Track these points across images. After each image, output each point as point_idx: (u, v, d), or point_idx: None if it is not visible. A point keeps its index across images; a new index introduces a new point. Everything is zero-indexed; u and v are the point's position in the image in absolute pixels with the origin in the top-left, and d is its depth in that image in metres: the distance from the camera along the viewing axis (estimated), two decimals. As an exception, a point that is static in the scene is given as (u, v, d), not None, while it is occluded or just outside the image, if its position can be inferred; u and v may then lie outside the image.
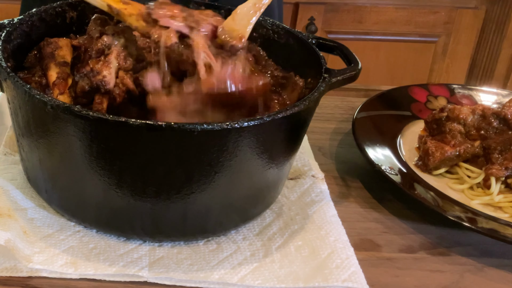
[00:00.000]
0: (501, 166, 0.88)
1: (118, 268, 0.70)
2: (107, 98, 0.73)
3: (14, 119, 0.74)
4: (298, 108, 0.68)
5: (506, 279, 0.76)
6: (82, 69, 0.74)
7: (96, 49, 0.76)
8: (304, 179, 0.88)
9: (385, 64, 2.24)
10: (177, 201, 0.69)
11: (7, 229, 0.71)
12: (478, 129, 0.94)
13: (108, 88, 0.73)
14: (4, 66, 0.69)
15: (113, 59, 0.74)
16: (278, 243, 0.76)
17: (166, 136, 0.63)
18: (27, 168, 0.78)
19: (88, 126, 0.64)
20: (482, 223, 0.80)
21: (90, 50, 0.77)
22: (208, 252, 0.74)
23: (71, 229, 0.75)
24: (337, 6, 2.14)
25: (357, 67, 0.79)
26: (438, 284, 0.74)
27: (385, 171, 0.87)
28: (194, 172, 0.67)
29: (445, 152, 0.91)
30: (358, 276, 0.71)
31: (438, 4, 2.17)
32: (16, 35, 0.79)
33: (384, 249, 0.79)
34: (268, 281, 0.70)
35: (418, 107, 1.07)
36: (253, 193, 0.75)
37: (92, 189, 0.70)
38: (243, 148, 0.66)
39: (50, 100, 0.64)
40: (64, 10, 0.87)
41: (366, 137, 0.94)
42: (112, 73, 0.73)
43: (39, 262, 0.69)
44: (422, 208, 0.84)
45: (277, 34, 0.88)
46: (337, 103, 1.13)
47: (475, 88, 1.14)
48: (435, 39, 2.24)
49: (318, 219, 0.80)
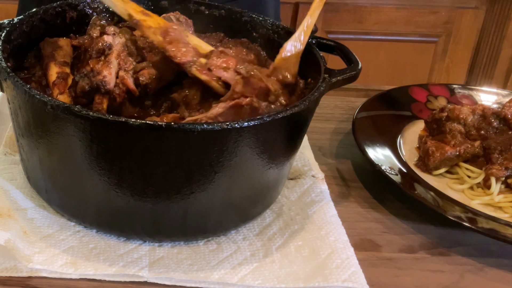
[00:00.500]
0: (501, 166, 0.88)
1: (118, 268, 0.70)
2: (107, 98, 0.73)
3: (14, 119, 0.74)
4: (298, 108, 0.68)
5: (506, 279, 0.76)
6: (82, 69, 0.74)
7: (96, 49, 0.76)
8: (304, 179, 0.88)
9: (385, 64, 2.24)
10: (177, 201, 0.69)
11: (7, 229, 0.71)
12: (478, 129, 0.94)
13: (108, 88, 0.73)
14: (4, 66, 0.69)
15: (113, 59, 0.75)
16: (278, 243, 0.76)
17: (166, 136, 0.63)
18: (27, 168, 0.78)
19: (88, 126, 0.64)
20: (482, 223, 0.80)
21: (91, 50, 0.77)
22: (208, 252, 0.74)
23: (71, 229, 0.75)
24: (337, 6, 2.14)
25: (357, 67, 0.79)
26: (438, 284, 0.74)
27: (385, 171, 0.87)
28: (194, 172, 0.67)
29: (445, 152, 0.91)
30: (358, 276, 0.71)
31: (438, 4, 2.17)
32: (16, 35, 0.79)
33: (384, 249, 0.79)
34: (268, 281, 0.70)
35: (418, 107, 1.07)
36: (253, 193, 0.75)
37: (92, 189, 0.70)
38: (243, 148, 0.66)
39: (50, 100, 0.64)
40: (64, 10, 0.87)
41: (366, 137, 0.94)
42: (112, 73, 0.73)
43: (39, 262, 0.69)
44: (422, 208, 0.84)
45: (277, 34, 0.88)
46: (337, 103, 1.13)
47: (475, 88, 1.14)
48: (435, 39, 2.24)
49: (318, 219, 0.80)
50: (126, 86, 0.74)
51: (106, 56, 0.75)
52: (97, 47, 0.76)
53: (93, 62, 0.74)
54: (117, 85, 0.74)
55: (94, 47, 0.77)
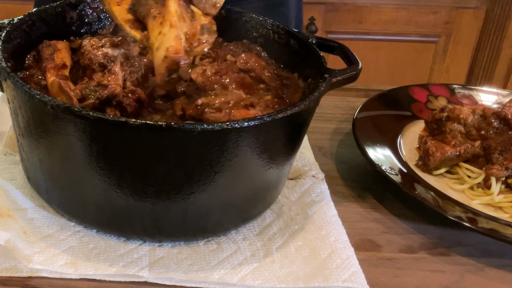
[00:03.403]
0: (502, 166, 0.88)
1: (118, 268, 0.70)
2: (118, 110, 0.73)
3: (14, 119, 0.74)
4: (298, 108, 0.68)
5: (506, 279, 0.76)
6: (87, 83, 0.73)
7: (98, 63, 0.75)
8: (304, 179, 0.88)
9: (385, 64, 2.24)
10: (177, 201, 0.69)
11: (7, 229, 0.71)
12: (478, 129, 0.94)
13: (119, 99, 0.72)
14: (4, 66, 0.69)
15: (118, 70, 0.74)
16: (279, 243, 0.76)
17: (166, 136, 0.63)
18: (27, 168, 0.78)
19: (88, 126, 0.63)
20: (482, 223, 0.80)
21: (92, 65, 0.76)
22: (208, 252, 0.74)
23: (71, 229, 0.75)
24: (337, 6, 2.14)
25: (357, 67, 0.79)
26: (438, 284, 0.74)
27: (386, 171, 0.87)
28: (194, 172, 0.67)
29: (446, 152, 0.91)
30: (358, 276, 0.71)
31: (438, 4, 2.17)
32: (16, 35, 0.79)
33: (385, 249, 0.79)
34: (268, 281, 0.70)
35: (419, 107, 1.07)
36: (253, 193, 0.75)
37: (92, 189, 0.70)
38: (243, 148, 0.66)
39: (50, 100, 0.64)
40: (64, 10, 0.87)
41: (367, 137, 0.94)
42: (120, 84, 0.73)
43: (39, 262, 0.69)
44: (422, 208, 0.84)
45: (278, 34, 0.88)
46: (338, 103, 1.13)
47: (475, 88, 1.14)
48: (435, 39, 2.24)
49: (319, 219, 0.80)
50: (135, 95, 0.74)
51: (110, 69, 0.74)
52: (98, 61, 0.76)
53: (98, 75, 0.74)
54: (126, 95, 0.73)
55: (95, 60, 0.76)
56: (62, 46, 0.82)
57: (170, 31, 0.71)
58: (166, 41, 0.71)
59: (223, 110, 0.73)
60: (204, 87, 0.77)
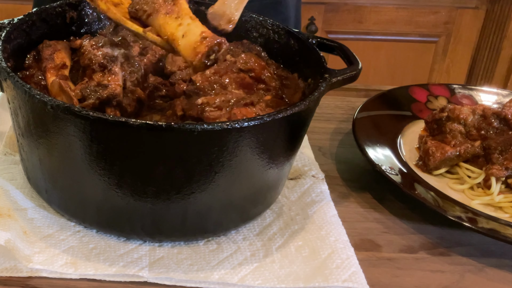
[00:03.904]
0: (502, 166, 0.88)
1: (118, 268, 0.70)
2: (118, 110, 0.73)
3: (14, 119, 0.74)
4: (298, 108, 0.68)
5: (506, 279, 0.76)
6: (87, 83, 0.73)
7: (98, 63, 0.75)
8: (304, 179, 0.88)
9: (385, 64, 2.24)
10: (177, 201, 0.69)
11: (7, 229, 0.71)
12: (478, 129, 0.94)
13: (119, 99, 0.72)
14: (4, 66, 0.69)
15: (118, 70, 0.74)
16: (279, 243, 0.76)
17: (166, 136, 0.63)
18: (27, 168, 0.78)
19: (88, 126, 0.63)
20: (482, 223, 0.80)
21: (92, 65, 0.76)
22: (208, 252, 0.74)
23: (71, 229, 0.75)
24: (337, 6, 2.14)
25: (357, 67, 0.79)
26: (438, 284, 0.74)
27: (386, 171, 0.87)
28: (194, 172, 0.67)
29: (446, 152, 0.91)
30: (358, 276, 0.71)
31: (438, 4, 2.17)
32: (16, 35, 0.79)
33: (385, 249, 0.79)
34: (268, 281, 0.70)
35: (419, 107, 1.07)
36: (253, 193, 0.75)
37: (92, 189, 0.70)
38: (243, 148, 0.66)
39: (50, 100, 0.64)
40: (64, 10, 0.87)
41: (367, 137, 0.94)
42: (120, 84, 0.73)
43: (39, 262, 0.69)
44: (422, 208, 0.84)
45: (278, 34, 0.88)
46: (337, 103, 1.13)
47: (475, 88, 1.14)
48: (435, 39, 2.24)
49: (319, 219, 0.80)
50: (135, 95, 0.74)
51: (110, 69, 0.74)
52: (98, 61, 0.76)
53: (98, 75, 0.74)
54: (126, 95, 0.73)
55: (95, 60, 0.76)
56: (62, 46, 0.82)
57: (195, 21, 0.73)
58: (194, 28, 0.72)
59: (223, 108, 0.73)
60: (204, 87, 0.77)
